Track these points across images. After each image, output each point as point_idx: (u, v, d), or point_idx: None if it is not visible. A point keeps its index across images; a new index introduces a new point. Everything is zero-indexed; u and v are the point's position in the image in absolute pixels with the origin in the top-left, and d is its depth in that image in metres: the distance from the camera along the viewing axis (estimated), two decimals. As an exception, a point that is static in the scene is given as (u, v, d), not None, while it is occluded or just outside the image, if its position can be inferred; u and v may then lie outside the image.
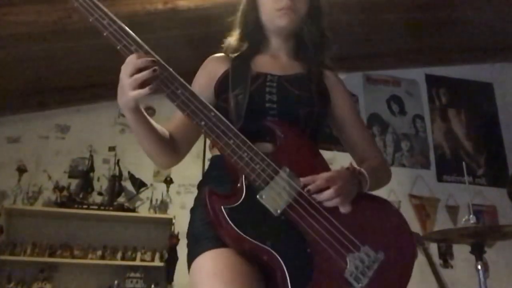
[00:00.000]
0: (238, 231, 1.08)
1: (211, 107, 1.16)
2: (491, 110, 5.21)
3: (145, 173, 4.25)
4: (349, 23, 4.02)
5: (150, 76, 1.08)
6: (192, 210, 1.30)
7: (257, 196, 1.13)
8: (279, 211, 1.13)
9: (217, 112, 1.16)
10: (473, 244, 2.53)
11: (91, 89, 4.31)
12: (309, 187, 1.16)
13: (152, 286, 3.85)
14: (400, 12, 4.25)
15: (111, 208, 3.97)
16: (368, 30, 4.37)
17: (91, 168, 4.16)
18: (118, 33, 1.13)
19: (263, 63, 1.41)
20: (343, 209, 1.18)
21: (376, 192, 1.28)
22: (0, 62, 3.76)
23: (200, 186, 1.36)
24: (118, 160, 4.23)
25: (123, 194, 4.16)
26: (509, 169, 4.86)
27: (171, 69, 1.15)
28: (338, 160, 2.87)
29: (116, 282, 3.80)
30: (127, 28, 1.14)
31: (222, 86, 1.36)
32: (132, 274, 3.86)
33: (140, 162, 4.21)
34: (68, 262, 3.83)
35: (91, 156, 4.22)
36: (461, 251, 4.24)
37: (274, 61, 1.44)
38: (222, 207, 1.10)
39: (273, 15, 1.38)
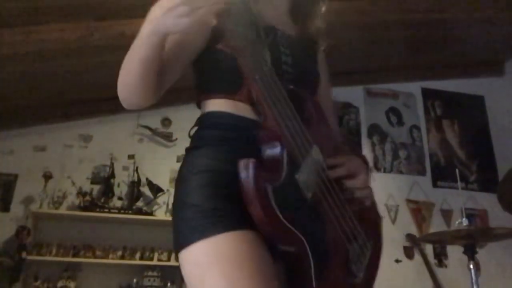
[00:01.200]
0: (280, 215, 0.88)
1: (266, 58, 0.94)
2: (482, 121, 5.23)
3: (161, 179, 4.31)
4: (351, 41, 4.09)
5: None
6: (187, 177, 1.01)
7: (296, 176, 0.94)
8: (310, 194, 0.97)
9: (270, 66, 0.95)
10: (466, 245, 2.59)
11: (112, 102, 3.85)
12: (341, 170, 1.07)
13: (168, 284, 3.93)
14: (398, 31, 4.31)
15: (130, 211, 4.05)
16: (368, 47, 4.40)
17: (112, 175, 4.23)
18: None
19: (269, 16, 1.14)
20: (366, 202, 1.14)
21: (376, 196, 1.23)
22: (28, 76, 3.80)
23: (194, 148, 1.07)
24: (137, 167, 4.29)
25: (141, 198, 4.24)
26: (499, 176, 4.78)
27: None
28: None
29: (134, 280, 3.92)
30: None
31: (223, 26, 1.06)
32: (149, 273, 3.94)
33: (157, 169, 4.33)
34: (90, 262, 3.90)
35: (112, 163, 4.28)
36: (455, 252, 4.29)
37: (278, 16, 1.19)
38: (268, 186, 0.88)
39: None
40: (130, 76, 1.00)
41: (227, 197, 0.93)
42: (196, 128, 1.10)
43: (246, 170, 0.88)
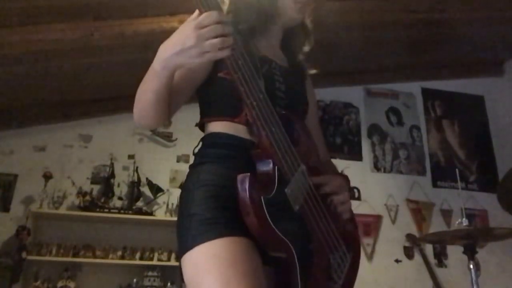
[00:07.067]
0: (272, 224, 1.00)
1: (261, 87, 1.06)
2: (483, 121, 5.26)
3: (161, 179, 4.33)
4: (351, 41, 4.11)
5: (227, 54, 0.99)
6: (191, 190, 1.13)
7: (285, 190, 1.07)
8: (298, 207, 1.09)
9: (265, 94, 1.06)
10: (466, 245, 2.60)
11: (112, 102, 4.34)
12: (326, 188, 1.20)
13: (168, 284, 3.93)
14: (398, 31, 4.33)
15: (130, 211, 4.05)
16: (369, 47, 4.41)
17: (112, 175, 4.24)
18: None
19: (263, 48, 1.28)
20: (345, 215, 1.26)
21: (376, 196, 1.37)
22: (28, 76, 3.78)
23: (198, 164, 1.19)
24: (137, 167, 4.29)
25: (141, 198, 4.25)
26: (499, 176, 4.81)
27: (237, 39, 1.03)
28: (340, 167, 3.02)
29: (135, 280, 3.92)
30: None
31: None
32: (149, 273, 3.95)
33: (157, 169, 4.33)
34: (90, 262, 3.91)
35: (112, 163, 4.28)
36: (455, 252, 4.33)
37: (271, 49, 1.33)
38: (261, 197, 1.00)
39: (290, 6, 1.30)
40: (145, 105, 1.13)
41: (225, 208, 1.05)
42: (199, 146, 1.24)
43: (243, 184, 0.99)
